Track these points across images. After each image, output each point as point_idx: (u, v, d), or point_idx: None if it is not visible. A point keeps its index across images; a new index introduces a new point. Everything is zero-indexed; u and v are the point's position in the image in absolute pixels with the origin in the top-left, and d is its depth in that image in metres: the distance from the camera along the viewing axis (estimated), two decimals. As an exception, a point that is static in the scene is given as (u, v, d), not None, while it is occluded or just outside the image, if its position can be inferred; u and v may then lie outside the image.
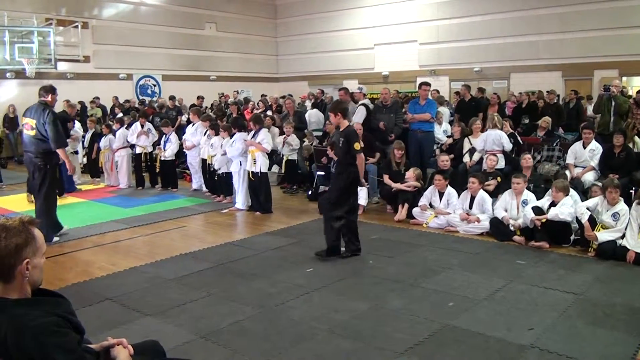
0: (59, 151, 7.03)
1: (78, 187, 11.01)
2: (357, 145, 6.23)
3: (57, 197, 8.27)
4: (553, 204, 6.68)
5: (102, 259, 6.43)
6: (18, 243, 2.10)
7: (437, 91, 15.19)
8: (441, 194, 7.88)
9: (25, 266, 2.12)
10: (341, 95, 10.55)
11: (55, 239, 7.18)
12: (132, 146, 11.32)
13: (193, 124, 10.72)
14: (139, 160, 11.61)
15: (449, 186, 7.91)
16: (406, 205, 8.14)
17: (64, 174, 9.60)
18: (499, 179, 7.95)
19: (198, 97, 16.94)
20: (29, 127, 6.96)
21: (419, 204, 7.97)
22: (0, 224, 2.12)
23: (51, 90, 7.11)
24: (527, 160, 7.94)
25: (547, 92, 14.08)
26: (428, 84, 10.03)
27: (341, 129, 6.42)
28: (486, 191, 7.63)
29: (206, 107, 16.51)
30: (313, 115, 12.62)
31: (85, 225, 8.03)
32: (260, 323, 4.43)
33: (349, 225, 6.32)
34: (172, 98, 16.44)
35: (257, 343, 4.06)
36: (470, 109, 12.40)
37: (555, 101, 13.43)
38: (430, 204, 7.92)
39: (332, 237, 6.26)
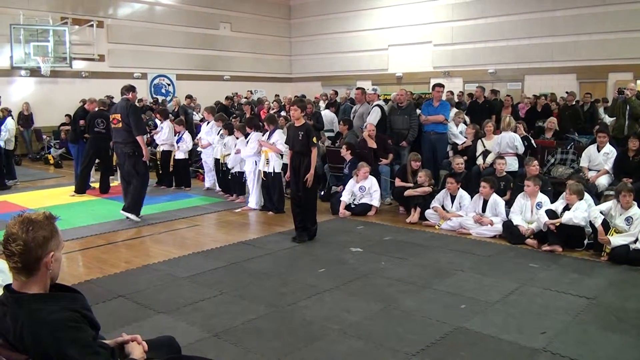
0: (138, 138, 7.92)
1: (92, 184, 11.09)
2: (315, 139, 7.11)
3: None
4: (567, 208, 6.63)
5: (115, 256, 6.48)
6: (45, 235, 2.15)
7: (462, 93, 15.12)
8: (453, 197, 7.87)
9: (50, 259, 2.17)
10: (357, 95, 10.61)
11: (137, 219, 8.13)
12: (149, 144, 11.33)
13: (208, 123, 10.76)
14: (167, 159, 11.37)
15: (460, 189, 7.89)
16: (418, 209, 8.13)
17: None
18: (509, 194, 7.91)
19: (226, 98, 16.95)
20: (116, 121, 8.00)
21: (431, 205, 7.96)
22: (26, 217, 2.17)
23: (131, 88, 8.17)
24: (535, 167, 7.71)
25: (567, 92, 14.00)
26: (442, 86, 10.03)
27: (297, 125, 7.12)
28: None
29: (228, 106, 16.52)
30: (326, 116, 12.65)
31: (98, 222, 8.09)
32: (272, 322, 4.45)
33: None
34: (188, 97, 16.52)
35: (269, 342, 4.07)
36: (484, 111, 12.35)
37: (574, 103, 13.36)
38: (443, 207, 7.90)
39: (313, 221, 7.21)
